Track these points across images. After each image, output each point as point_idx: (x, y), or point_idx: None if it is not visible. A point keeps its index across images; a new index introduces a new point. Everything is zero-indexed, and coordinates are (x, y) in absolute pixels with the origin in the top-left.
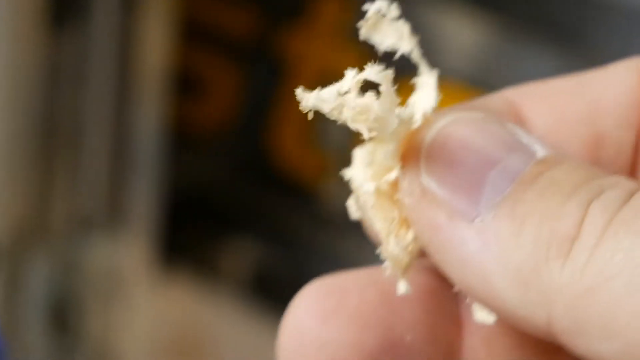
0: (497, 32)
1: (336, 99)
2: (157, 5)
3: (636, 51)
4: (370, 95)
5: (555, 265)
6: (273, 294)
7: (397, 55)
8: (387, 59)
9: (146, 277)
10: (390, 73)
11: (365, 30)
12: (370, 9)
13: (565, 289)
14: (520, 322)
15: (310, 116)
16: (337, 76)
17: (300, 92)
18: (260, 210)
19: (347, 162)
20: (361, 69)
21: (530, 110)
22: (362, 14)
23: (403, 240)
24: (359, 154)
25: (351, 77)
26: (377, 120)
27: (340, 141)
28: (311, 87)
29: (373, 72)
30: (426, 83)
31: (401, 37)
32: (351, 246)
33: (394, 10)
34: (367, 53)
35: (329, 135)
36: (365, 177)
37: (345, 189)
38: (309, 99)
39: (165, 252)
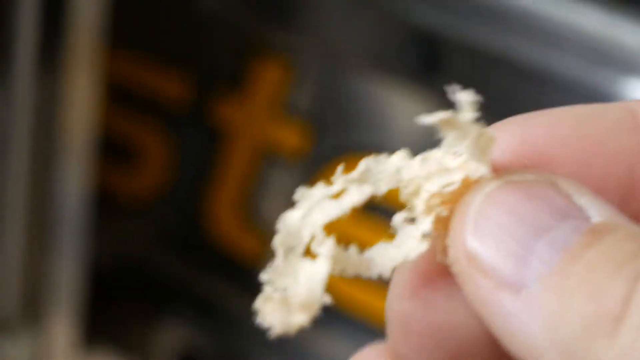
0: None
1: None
2: (82, 68)
3: None
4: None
5: (602, 345)
6: None
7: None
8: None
9: None
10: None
11: (439, 125)
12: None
13: None
14: None
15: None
16: (274, 148)
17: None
18: (193, 287)
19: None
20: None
21: None
22: (301, 85)
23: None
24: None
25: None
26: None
27: (278, 215)
28: (248, 157)
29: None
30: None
31: (463, 138)
32: None
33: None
34: (307, 126)
35: (266, 208)
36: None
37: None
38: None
39: (90, 333)
